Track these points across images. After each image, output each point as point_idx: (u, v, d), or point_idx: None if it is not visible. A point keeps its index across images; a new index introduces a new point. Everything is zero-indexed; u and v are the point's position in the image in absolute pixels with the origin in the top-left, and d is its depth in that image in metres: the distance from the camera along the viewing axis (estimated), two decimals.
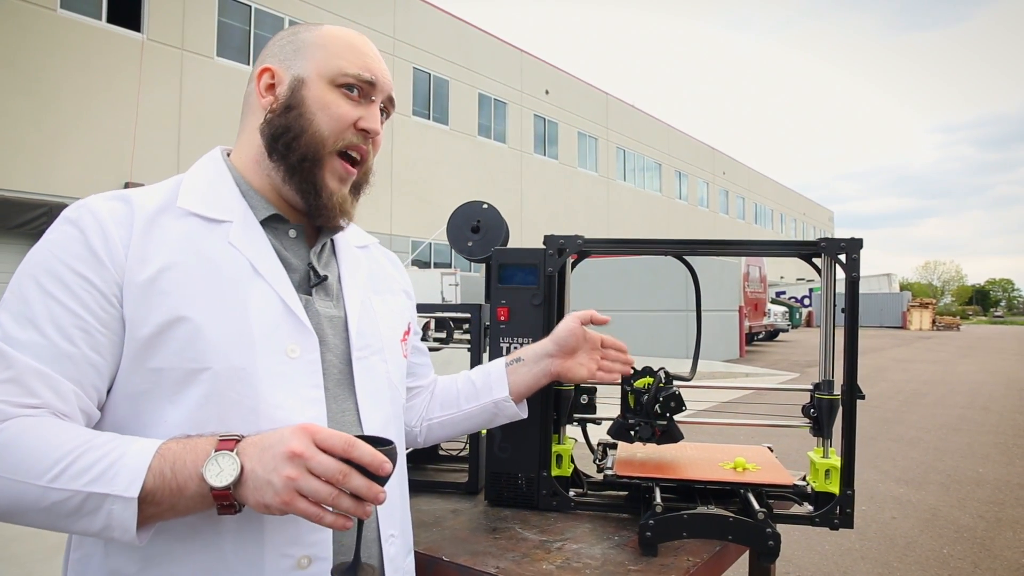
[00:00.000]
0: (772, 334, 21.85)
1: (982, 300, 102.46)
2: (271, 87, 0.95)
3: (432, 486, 1.50)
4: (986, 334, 32.97)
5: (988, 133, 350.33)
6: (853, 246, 1.27)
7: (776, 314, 21.40)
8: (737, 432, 6.45)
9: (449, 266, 17.91)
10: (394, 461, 0.77)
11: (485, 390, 1.25)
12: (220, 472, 0.74)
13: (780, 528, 1.15)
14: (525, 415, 1.28)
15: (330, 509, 0.74)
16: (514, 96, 24.04)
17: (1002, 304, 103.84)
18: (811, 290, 33.79)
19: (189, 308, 0.83)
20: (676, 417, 1.32)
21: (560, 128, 26.11)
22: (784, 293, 28.92)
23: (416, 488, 1.49)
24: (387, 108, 1.01)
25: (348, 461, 0.74)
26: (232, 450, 0.75)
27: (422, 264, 18.85)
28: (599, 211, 27.75)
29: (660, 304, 13.82)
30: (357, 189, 1.00)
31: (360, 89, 0.95)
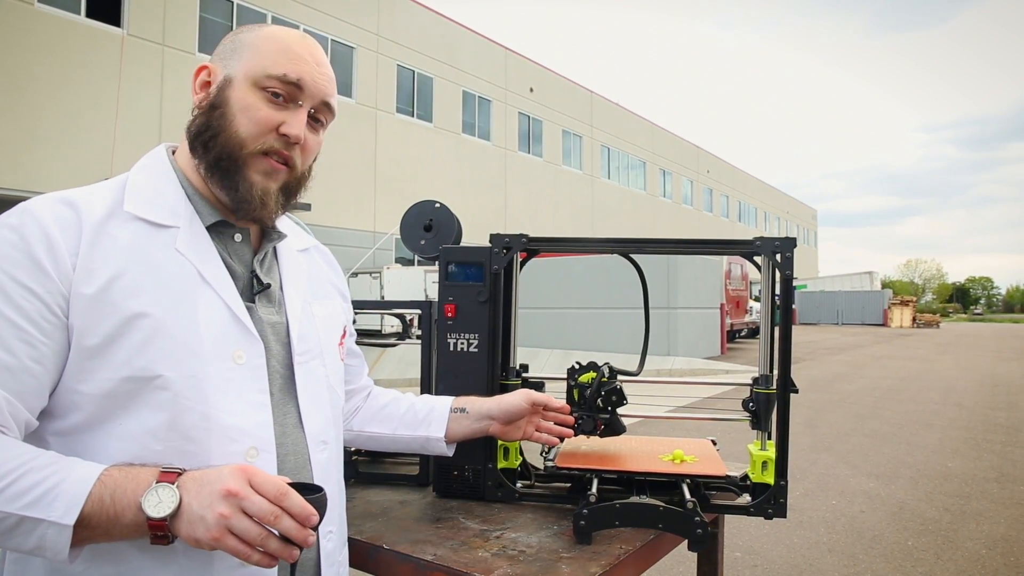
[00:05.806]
0: (754, 331, 22.00)
1: (962, 298, 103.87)
2: (206, 84, 0.95)
3: (385, 478, 1.53)
4: (965, 331, 33.44)
5: (970, 133, 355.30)
6: (786, 245, 1.32)
7: (758, 311, 21.54)
8: (714, 427, 6.52)
9: (433, 263, 17.84)
10: (323, 510, 0.79)
11: (424, 424, 1.28)
12: (159, 503, 0.75)
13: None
14: (451, 455, 1.32)
15: (259, 549, 0.76)
16: (498, 94, 24.04)
17: (982, 302, 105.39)
18: (794, 288, 33.98)
19: (139, 317, 0.83)
20: (624, 411, 1.36)
21: (545, 126, 26.13)
22: None
23: (369, 480, 1.52)
24: (322, 116, 0.98)
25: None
26: (173, 483, 0.77)
27: (406, 262, 18.80)
28: (583, 209, 27.80)
29: (639, 301, 13.86)
30: (288, 193, 0.98)
31: (286, 93, 0.92)
